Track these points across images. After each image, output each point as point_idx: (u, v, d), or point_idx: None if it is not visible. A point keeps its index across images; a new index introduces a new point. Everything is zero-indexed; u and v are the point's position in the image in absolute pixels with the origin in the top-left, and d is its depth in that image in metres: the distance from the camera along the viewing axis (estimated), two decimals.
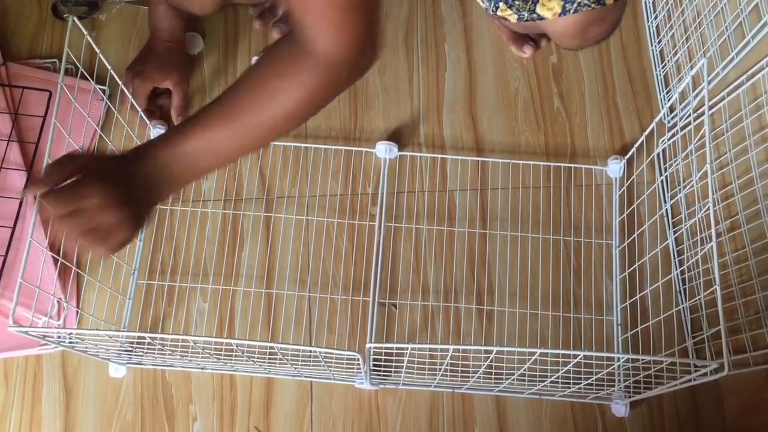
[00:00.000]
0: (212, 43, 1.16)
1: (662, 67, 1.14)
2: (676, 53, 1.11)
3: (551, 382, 0.87)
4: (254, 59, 1.14)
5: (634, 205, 1.04)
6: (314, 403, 0.99)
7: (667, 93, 1.12)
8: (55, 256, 0.98)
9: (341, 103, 1.13)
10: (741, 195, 0.96)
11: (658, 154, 1.08)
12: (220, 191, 1.07)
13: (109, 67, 0.91)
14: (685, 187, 1.03)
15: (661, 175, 1.08)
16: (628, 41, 1.18)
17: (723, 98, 1.00)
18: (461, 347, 0.87)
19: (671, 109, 1.10)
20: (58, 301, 0.97)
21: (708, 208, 0.75)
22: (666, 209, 1.05)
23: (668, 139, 1.05)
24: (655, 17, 1.17)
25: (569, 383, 0.88)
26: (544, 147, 1.11)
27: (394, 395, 0.99)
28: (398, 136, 1.11)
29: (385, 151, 1.08)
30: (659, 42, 1.16)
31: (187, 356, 0.94)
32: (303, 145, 1.09)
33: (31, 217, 0.76)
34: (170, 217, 1.06)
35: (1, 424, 0.97)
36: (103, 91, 1.09)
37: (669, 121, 1.09)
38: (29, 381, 0.98)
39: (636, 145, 1.03)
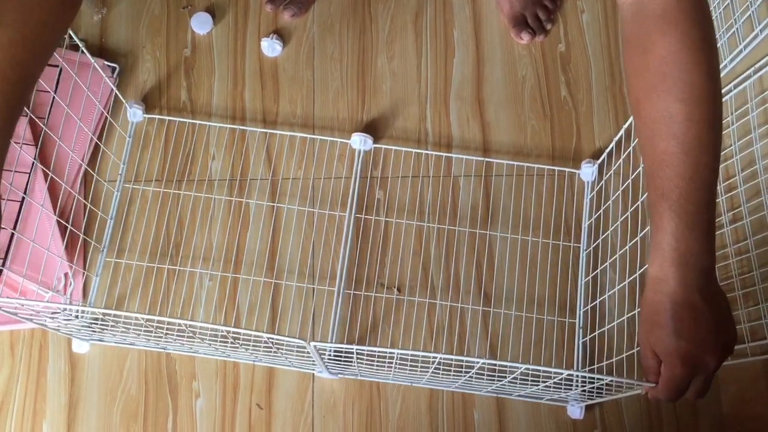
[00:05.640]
0: (222, 24, 1.17)
1: None
2: None
3: (509, 382, 0.87)
4: (263, 41, 1.14)
5: (601, 210, 1.05)
6: (316, 383, 1.00)
7: None
8: (61, 221, 0.99)
9: (349, 89, 1.13)
10: (744, 187, 0.97)
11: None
12: (226, 171, 1.08)
13: (80, 45, 0.91)
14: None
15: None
16: None
17: (730, 90, 1.00)
18: (403, 352, 0.82)
19: None
20: (65, 275, 0.98)
21: None
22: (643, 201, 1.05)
23: None
24: None
25: (527, 384, 0.88)
26: (549, 134, 1.12)
27: None
28: (406, 123, 1.11)
29: (359, 142, 1.08)
30: None
31: (151, 336, 0.94)
32: (308, 135, 1.10)
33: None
34: (171, 202, 1.07)
35: (7, 397, 0.98)
36: (114, 69, 1.10)
37: None
38: (35, 354, 1.00)
39: (607, 150, 1.03)
